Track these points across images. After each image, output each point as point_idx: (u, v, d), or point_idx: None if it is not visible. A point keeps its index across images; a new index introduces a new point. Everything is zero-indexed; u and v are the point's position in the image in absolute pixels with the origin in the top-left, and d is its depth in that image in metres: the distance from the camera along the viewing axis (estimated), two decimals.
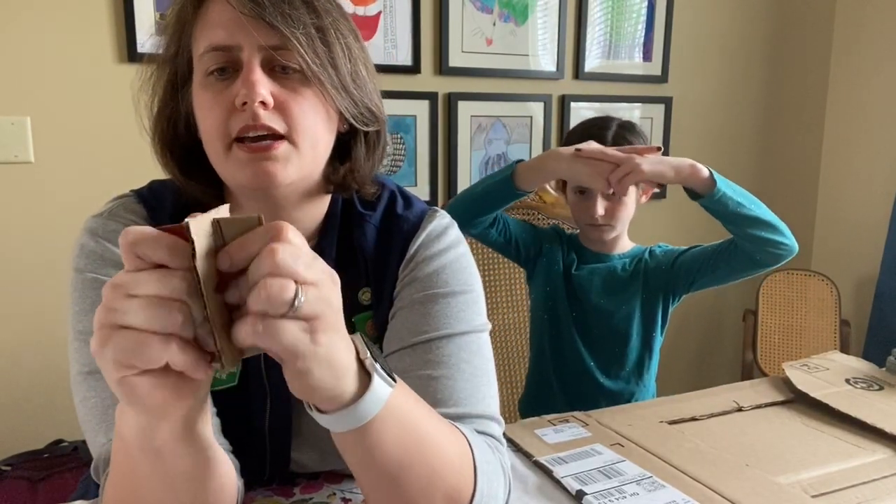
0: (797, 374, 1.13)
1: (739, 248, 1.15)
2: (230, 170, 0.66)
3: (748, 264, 1.16)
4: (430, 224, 0.78)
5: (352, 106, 0.68)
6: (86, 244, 0.70)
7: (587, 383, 1.28)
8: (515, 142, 2.21)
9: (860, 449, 0.91)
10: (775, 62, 2.57)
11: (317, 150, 0.68)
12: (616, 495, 0.76)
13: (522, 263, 1.34)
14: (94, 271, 0.68)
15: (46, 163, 1.69)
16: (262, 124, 0.63)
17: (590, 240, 1.29)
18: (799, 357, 2.19)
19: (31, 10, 1.63)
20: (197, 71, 0.67)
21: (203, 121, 0.66)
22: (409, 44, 2.01)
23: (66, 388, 0.80)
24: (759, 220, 1.11)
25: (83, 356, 0.67)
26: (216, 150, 0.66)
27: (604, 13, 2.25)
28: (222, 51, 0.64)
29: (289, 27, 0.62)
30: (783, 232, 1.13)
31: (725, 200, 1.09)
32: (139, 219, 0.71)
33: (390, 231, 0.77)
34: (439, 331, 0.71)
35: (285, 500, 0.75)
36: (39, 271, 1.70)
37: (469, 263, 0.78)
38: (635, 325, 1.27)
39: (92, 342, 0.43)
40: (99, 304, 0.64)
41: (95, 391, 0.65)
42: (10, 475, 1.53)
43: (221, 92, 0.64)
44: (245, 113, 0.62)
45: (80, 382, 0.66)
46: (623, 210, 1.22)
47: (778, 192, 2.63)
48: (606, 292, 1.27)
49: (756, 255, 1.13)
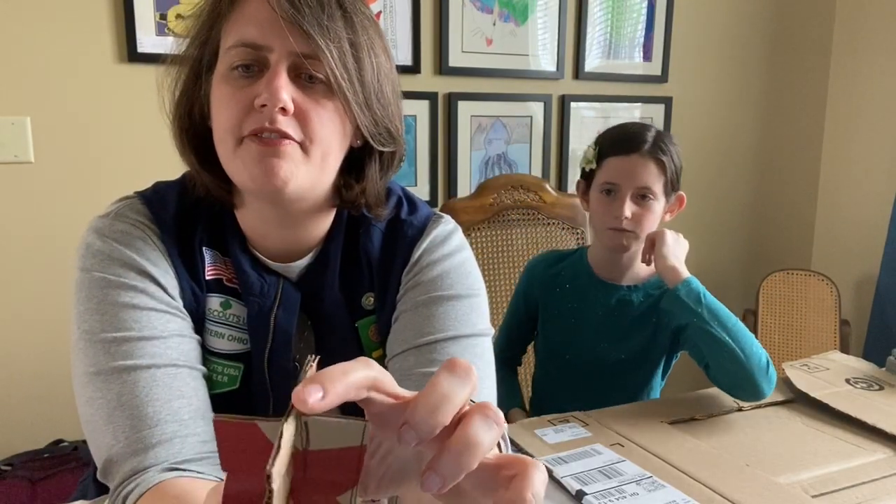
0: (797, 374, 1.14)
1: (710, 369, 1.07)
2: (238, 167, 0.65)
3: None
4: (435, 229, 0.78)
5: (372, 125, 0.68)
6: (92, 243, 0.69)
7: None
8: (515, 142, 2.21)
9: (860, 449, 0.91)
10: (775, 62, 2.57)
11: (326, 162, 0.67)
12: (616, 495, 0.76)
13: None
14: (101, 270, 0.68)
15: (46, 163, 1.69)
16: (277, 128, 0.62)
17: (608, 250, 1.20)
18: (799, 357, 2.19)
19: (31, 11, 1.63)
20: (221, 62, 0.66)
21: (218, 114, 0.66)
22: (409, 44, 2.01)
23: (66, 388, 0.80)
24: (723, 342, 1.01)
25: (89, 356, 0.66)
26: (226, 145, 0.66)
27: (604, 13, 2.25)
28: (252, 48, 0.63)
29: (324, 37, 0.62)
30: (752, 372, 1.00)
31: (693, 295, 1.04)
32: (145, 220, 0.71)
33: (395, 236, 0.77)
34: (444, 332, 0.72)
35: None
36: (39, 271, 1.70)
37: (473, 268, 0.79)
38: (638, 372, 1.21)
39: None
40: (105, 303, 0.65)
41: (101, 392, 0.64)
42: (10, 475, 1.53)
43: (242, 89, 0.63)
44: (262, 115, 0.62)
45: (86, 384, 0.65)
46: (648, 218, 1.15)
47: (778, 192, 2.64)
48: (609, 336, 1.20)
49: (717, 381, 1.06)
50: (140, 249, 0.69)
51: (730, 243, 2.61)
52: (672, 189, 1.17)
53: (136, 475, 0.62)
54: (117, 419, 0.63)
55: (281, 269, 0.75)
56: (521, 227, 1.62)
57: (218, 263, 0.74)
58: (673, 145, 1.16)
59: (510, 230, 1.61)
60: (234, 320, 0.73)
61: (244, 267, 0.72)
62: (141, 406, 0.63)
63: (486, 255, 1.59)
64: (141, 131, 1.72)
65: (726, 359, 1.01)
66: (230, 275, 0.73)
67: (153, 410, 0.63)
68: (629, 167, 1.14)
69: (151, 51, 1.73)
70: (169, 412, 0.64)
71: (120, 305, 0.66)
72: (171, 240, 0.71)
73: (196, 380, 0.68)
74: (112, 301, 0.66)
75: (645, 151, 1.13)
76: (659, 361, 1.21)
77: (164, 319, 0.67)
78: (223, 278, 0.73)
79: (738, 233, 2.62)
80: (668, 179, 1.14)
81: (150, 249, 0.69)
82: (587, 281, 1.24)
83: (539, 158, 2.25)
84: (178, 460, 0.63)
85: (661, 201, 1.16)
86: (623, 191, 1.14)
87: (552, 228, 1.63)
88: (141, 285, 0.67)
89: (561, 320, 1.25)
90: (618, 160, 1.15)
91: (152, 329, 0.66)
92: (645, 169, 1.13)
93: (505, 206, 1.59)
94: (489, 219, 1.58)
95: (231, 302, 0.73)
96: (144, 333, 0.66)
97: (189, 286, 0.71)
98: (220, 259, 0.74)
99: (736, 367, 1.00)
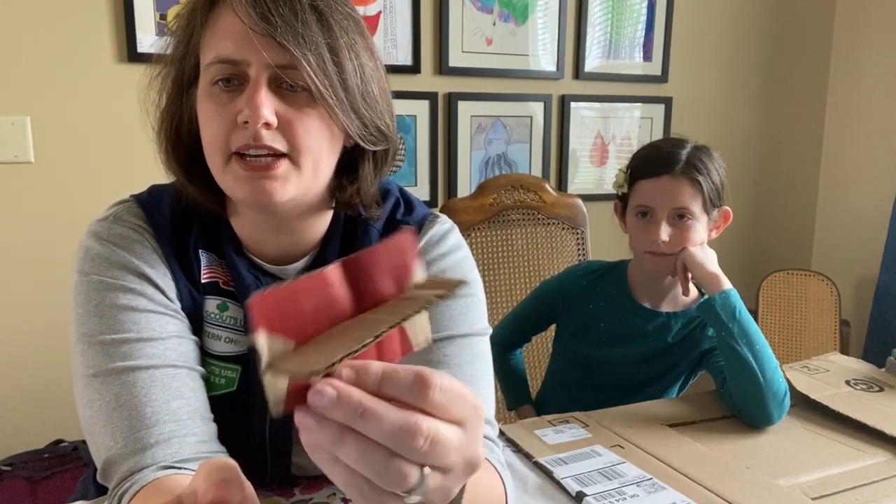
0: (797, 376, 1.13)
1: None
2: (229, 183, 0.66)
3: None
4: (431, 229, 0.78)
5: (360, 127, 0.67)
6: (91, 247, 0.70)
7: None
8: (515, 142, 2.21)
9: (860, 451, 0.91)
10: (775, 62, 2.57)
11: (319, 169, 0.67)
12: (616, 497, 0.76)
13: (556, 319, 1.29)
14: (99, 273, 0.68)
15: (46, 163, 1.69)
16: (263, 144, 0.62)
17: (646, 273, 1.17)
18: (799, 357, 2.19)
19: (31, 11, 1.62)
20: (203, 78, 0.66)
21: (205, 131, 0.66)
22: (409, 44, 2.01)
23: (66, 388, 0.80)
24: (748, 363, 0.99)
25: (87, 359, 0.66)
26: (215, 162, 0.66)
27: (604, 13, 2.25)
28: (229, 64, 0.63)
29: (299, 48, 0.61)
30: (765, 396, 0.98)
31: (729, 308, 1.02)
32: (141, 223, 0.72)
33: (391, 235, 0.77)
34: (441, 332, 0.72)
35: (285, 500, 0.75)
36: (39, 271, 1.70)
37: (470, 267, 0.79)
38: (656, 389, 1.19)
39: None
40: (104, 305, 0.66)
41: (100, 394, 0.65)
42: (10, 475, 1.53)
43: (225, 104, 0.63)
44: (247, 131, 0.62)
45: (85, 386, 0.66)
46: (689, 239, 1.09)
47: (778, 192, 2.63)
48: (638, 359, 1.16)
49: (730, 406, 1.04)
50: (138, 253, 0.69)
51: (730, 243, 2.61)
52: (713, 205, 1.11)
53: (133, 475, 0.62)
54: (116, 420, 0.63)
55: (278, 273, 0.75)
56: (521, 228, 1.62)
57: (214, 266, 0.74)
58: (712, 161, 1.11)
59: (510, 230, 1.61)
60: (230, 322, 0.73)
61: (240, 270, 0.73)
62: (139, 407, 0.63)
63: (485, 255, 1.59)
64: (141, 131, 1.72)
65: (745, 379, 0.98)
66: (226, 277, 0.74)
67: (151, 411, 0.64)
68: (662, 189, 1.09)
69: (151, 51, 1.73)
70: (167, 412, 0.64)
71: (118, 308, 0.67)
72: (168, 243, 0.71)
73: (195, 381, 0.68)
74: (110, 304, 0.67)
75: (678, 172, 1.08)
76: (678, 380, 1.19)
77: (162, 321, 0.68)
78: (219, 281, 0.74)
79: (738, 233, 2.62)
80: (705, 198, 1.09)
81: (148, 252, 0.70)
82: (625, 304, 1.18)
83: (539, 158, 2.25)
84: (175, 460, 0.63)
85: (702, 220, 1.10)
86: (658, 214, 1.09)
87: (552, 228, 1.63)
88: (139, 288, 0.68)
89: (589, 336, 1.20)
90: (649, 183, 1.11)
91: (151, 331, 0.67)
92: (679, 190, 1.08)
93: (505, 207, 1.59)
94: (489, 219, 1.58)
95: (228, 304, 0.74)
96: (143, 335, 0.66)
97: (186, 289, 0.71)
98: (216, 262, 0.74)
99: (753, 389, 0.97)
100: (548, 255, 1.63)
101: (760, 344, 1.00)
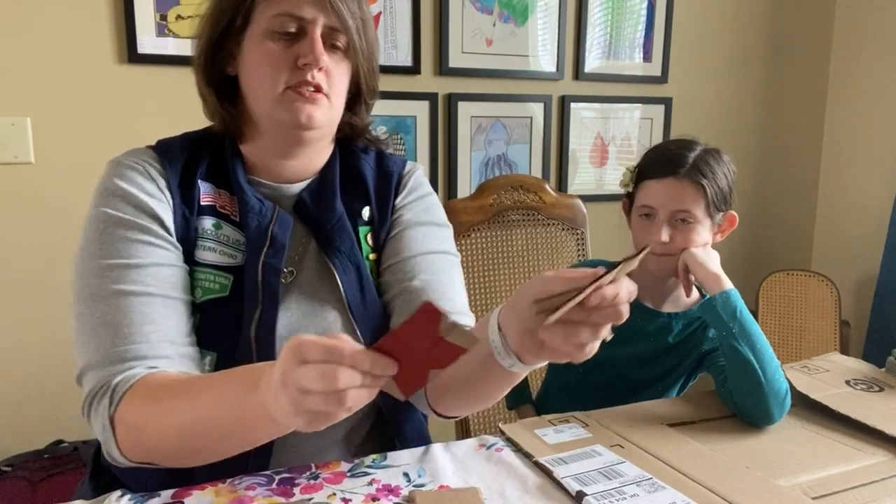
0: (797, 376, 1.13)
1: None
2: (278, 110, 0.83)
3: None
4: (417, 169, 1.01)
5: (369, 80, 0.91)
6: (101, 183, 0.83)
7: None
8: (515, 142, 2.21)
9: (860, 451, 0.91)
10: (775, 62, 2.57)
11: (340, 103, 0.89)
12: (616, 496, 0.76)
13: None
14: (105, 206, 0.81)
15: (46, 163, 1.69)
16: (316, 83, 0.83)
17: (648, 273, 1.14)
18: (799, 357, 2.19)
19: (31, 11, 1.63)
20: (260, 25, 0.83)
21: (261, 66, 0.83)
22: (409, 44, 2.01)
23: (66, 388, 0.82)
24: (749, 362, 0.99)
25: (84, 276, 0.78)
26: (268, 93, 0.83)
27: (604, 14, 2.25)
28: (297, 19, 0.82)
29: (350, 15, 0.83)
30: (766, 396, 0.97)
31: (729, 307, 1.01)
32: (150, 157, 0.86)
33: (383, 166, 0.98)
34: (426, 249, 0.94)
35: (285, 500, 0.75)
36: (39, 271, 1.70)
37: (441, 206, 1.02)
38: (657, 389, 1.18)
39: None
40: (105, 233, 0.81)
41: (90, 309, 0.77)
42: (10, 475, 1.53)
43: (285, 49, 0.82)
44: (303, 71, 0.82)
45: (78, 301, 0.78)
46: (691, 241, 1.09)
47: (778, 192, 2.64)
48: (639, 359, 1.16)
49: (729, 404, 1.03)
50: (140, 184, 0.82)
51: (730, 243, 2.60)
52: (717, 209, 1.11)
53: (114, 376, 0.74)
54: (100, 335, 0.76)
55: (283, 190, 0.90)
56: (521, 228, 1.62)
57: (213, 193, 0.88)
58: (720, 165, 1.11)
59: (510, 231, 1.61)
60: (224, 239, 0.86)
61: (246, 190, 0.87)
62: (121, 326, 0.76)
63: (485, 255, 1.59)
64: (141, 132, 1.72)
65: (746, 379, 0.98)
66: (223, 202, 0.88)
67: (129, 332, 0.76)
68: (664, 191, 1.10)
69: (152, 52, 1.73)
70: (141, 335, 0.76)
71: (116, 237, 0.79)
72: (174, 171, 0.85)
73: (167, 307, 0.79)
74: (110, 232, 0.80)
75: (682, 174, 1.08)
76: (678, 381, 1.19)
77: (147, 250, 0.80)
78: (216, 205, 0.87)
79: (737, 233, 2.61)
80: (708, 202, 1.09)
81: (149, 183, 0.83)
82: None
83: (539, 159, 2.25)
84: (155, 368, 0.76)
85: (706, 223, 1.11)
86: (659, 215, 1.10)
87: (552, 229, 1.63)
88: (138, 220, 0.80)
89: None
90: (653, 183, 1.11)
91: (138, 258, 0.79)
92: (681, 192, 1.08)
93: (505, 207, 1.59)
94: (489, 219, 1.58)
95: (222, 224, 0.87)
96: (131, 262, 0.79)
97: (181, 210, 0.84)
98: (216, 190, 0.88)
99: (754, 389, 0.97)
100: (548, 256, 1.63)
101: (761, 344, 1.00)
